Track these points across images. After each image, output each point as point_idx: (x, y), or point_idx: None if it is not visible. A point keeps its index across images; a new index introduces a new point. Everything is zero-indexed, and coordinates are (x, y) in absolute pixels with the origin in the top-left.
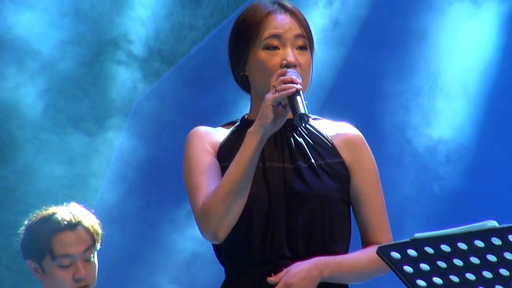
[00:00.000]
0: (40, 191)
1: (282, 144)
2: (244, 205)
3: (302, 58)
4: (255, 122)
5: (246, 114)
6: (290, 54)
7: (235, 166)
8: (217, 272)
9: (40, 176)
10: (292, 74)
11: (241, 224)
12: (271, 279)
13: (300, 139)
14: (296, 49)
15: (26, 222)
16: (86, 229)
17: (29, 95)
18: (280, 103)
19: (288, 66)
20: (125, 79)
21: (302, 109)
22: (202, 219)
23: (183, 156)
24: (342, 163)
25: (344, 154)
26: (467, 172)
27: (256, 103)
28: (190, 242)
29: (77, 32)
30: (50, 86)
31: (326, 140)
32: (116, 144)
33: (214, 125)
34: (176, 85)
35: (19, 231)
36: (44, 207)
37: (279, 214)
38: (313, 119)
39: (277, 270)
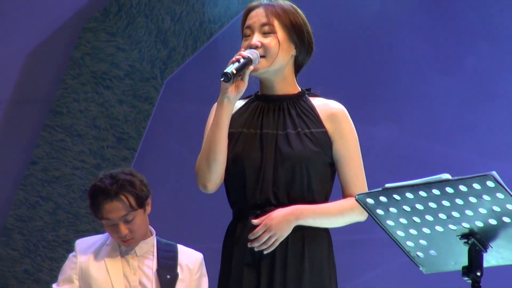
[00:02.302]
0: (91, 150)
1: (278, 115)
2: (223, 160)
3: (266, 40)
4: (220, 93)
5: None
6: (253, 38)
7: (210, 131)
8: None
9: (90, 138)
10: (247, 51)
11: (240, 177)
12: (254, 221)
13: (293, 111)
14: (262, 34)
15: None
16: (125, 198)
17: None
18: (240, 75)
19: (251, 47)
20: None
21: (227, 69)
22: (196, 176)
23: None
24: (325, 133)
25: (328, 125)
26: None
27: (260, 81)
28: None
29: None
30: None
31: (314, 113)
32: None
33: None
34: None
35: (74, 182)
36: (103, 173)
37: (268, 170)
38: (311, 96)
39: (264, 214)
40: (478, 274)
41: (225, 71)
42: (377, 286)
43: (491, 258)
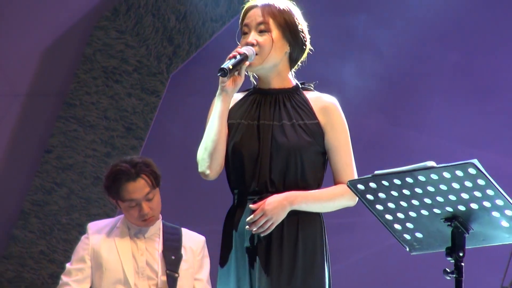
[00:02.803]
0: (102, 139)
1: (274, 107)
2: (223, 150)
3: (261, 38)
4: (219, 87)
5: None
6: (249, 37)
7: (209, 122)
8: None
9: (101, 128)
10: (243, 48)
11: (239, 165)
12: (252, 206)
13: (288, 104)
14: (258, 32)
15: (105, 172)
16: (146, 177)
17: None
18: (237, 70)
19: (247, 44)
20: None
21: (224, 65)
22: (197, 164)
23: None
24: (318, 124)
25: (320, 117)
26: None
27: (258, 76)
28: None
29: None
30: None
31: (307, 106)
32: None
33: None
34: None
35: (86, 169)
36: (117, 160)
37: (265, 159)
38: (305, 89)
39: (261, 200)
40: (461, 254)
41: (222, 66)
42: (367, 265)
43: (473, 240)
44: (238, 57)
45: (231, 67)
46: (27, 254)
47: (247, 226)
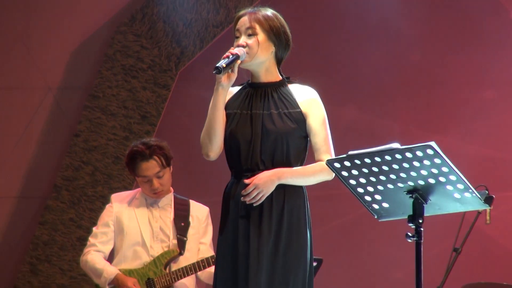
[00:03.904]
0: (121, 125)
1: (264, 98)
2: (221, 134)
3: (250, 40)
4: (216, 82)
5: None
6: (240, 40)
7: (209, 112)
8: None
9: (120, 116)
10: (236, 49)
11: (235, 148)
12: (246, 181)
13: (275, 95)
14: (247, 36)
15: (127, 150)
16: (157, 158)
17: None
18: (230, 68)
19: (239, 46)
20: None
21: (218, 64)
22: (201, 147)
23: None
24: (300, 112)
25: (302, 106)
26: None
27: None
28: None
29: None
30: None
31: (291, 97)
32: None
33: None
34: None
35: (108, 150)
36: (137, 141)
37: (256, 142)
38: (290, 83)
39: (253, 176)
40: (420, 221)
41: (216, 65)
42: (342, 230)
43: (430, 209)
44: (231, 57)
45: (224, 65)
46: (59, 221)
47: (242, 198)
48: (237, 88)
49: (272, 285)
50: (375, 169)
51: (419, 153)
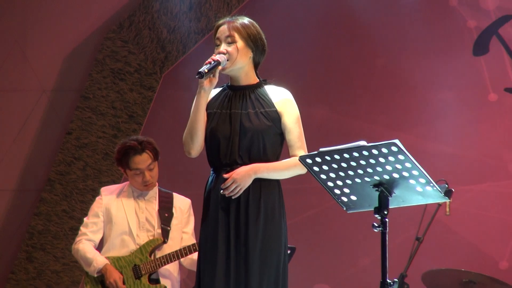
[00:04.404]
0: (110, 124)
1: (242, 99)
2: (202, 134)
3: (230, 48)
4: (198, 86)
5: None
6: (221, 47)
7: (192, 113)
8: None
9: (109, 116)
10: (217, 56)
11: (216, 144)
12: (225, 175)
13: (253, 96)
14: (227, 43)
15: (117, 147)
16: (149, 152)
17: None
18: (212, 73)
19: (220, 53)
20: None
21: (201, 69)
22: (183, 145)
23: None
24: (276, 111)
25: (277, 105)
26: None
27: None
28: None
29: None
30: None
31: (267, 97)
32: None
33: None
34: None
35: (98, 147)
36: (126, 138)
37: (235, 139)
38: (266, 84)
39: (232, 170)
40: (385, 212)
41: (199, 70)
42: (314, 220)
43: (394, 201)
44: (213, 63)
45: (206, 71)
46: (52, 212)
47: (221, 191)
48: (217, 90)
49: (250, 270)
50: (344, 164)
51: (384, 150)
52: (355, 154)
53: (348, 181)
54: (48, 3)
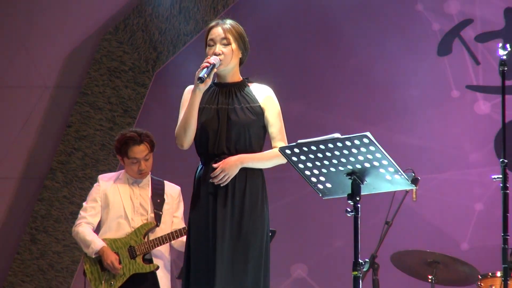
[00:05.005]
0: (106, 118)
1: (228, 95)
2: (195, 129)
3: (224, 49)
4: (194, 85)
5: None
6: (216, 48)
7: (187, 109)
8: None
9: (106, 110)
10: (212, 58)
11: (205, 137)
12: (214, 165)
13: (238, 93)
14: (222, 45)
15: (116, 136)
16: (146, 144)
17: None
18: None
19: (215, 54)
20: None
21: (201, 75)
22: (176, 138)
23: None
24: (259, 106)
25: (261, 101)
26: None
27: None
28: None
29: None
30: None
31: (252, 93)
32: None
33: None
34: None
35: (95, 139)
36: (126, 129)
37: (222, 132)
38: (250, 82)
39: (220, 160)
40: (358, 198)
41: (199, 76)
42: (293, 206)
43: (366, 189)
44: (210, 66)
45: (206, 76)
46: (54, 198)
47: (210, 179)
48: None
49: (238, 250)
50: (319, 155)
51: (356, 142)
52: (330, 145)
53: (324, 170)
54: (50, 7)
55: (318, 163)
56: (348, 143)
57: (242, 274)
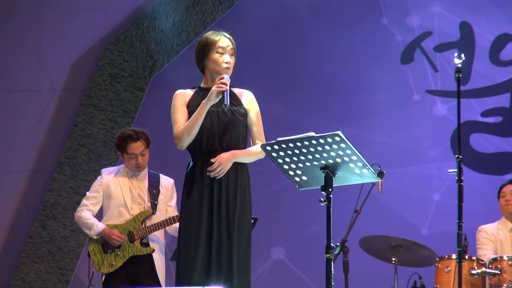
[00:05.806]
0: (108, 118)
1: (220, 100)
2: (196, 133)
3: (232, 60)
4: (206, 98)
5: (201, 83)
6: (227, 57)
7: (193, 116)
8: None
9: (108, 111)
10: (226, 78)
11: (199, 136)
12: (212, 160)
13: (229, 98)
14: (230, 55)
15: (117, 134)
16: (143, 141)
17: None
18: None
19: (226, 63)
20: None
21: (226, 101)
22: (177, 139)
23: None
24: (244, 108)
25: (245, 103)
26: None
27: (207, 79)
28: None
29: None
30: None
31: (237, 97)
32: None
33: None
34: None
35: (99, 136)
36: (125, 128)
37: (215, 131)
38: (233, 88)
39: (214, 156)
40: (330, 190)
41: (226, 103)
42: (273, 197)
43: (337, 181)
44: (227, 88)
45: (229, 101)
46: (62, 188)
47: (208, 172)
48: (190, 91)
49: (230, 233)
50: (296, 151)
51: (329, 140)
52: (306, 142)
53: (300, 165)
54: (59, 19)
55: (295, 158)
56: (321, 140)
57: (233, 257)
